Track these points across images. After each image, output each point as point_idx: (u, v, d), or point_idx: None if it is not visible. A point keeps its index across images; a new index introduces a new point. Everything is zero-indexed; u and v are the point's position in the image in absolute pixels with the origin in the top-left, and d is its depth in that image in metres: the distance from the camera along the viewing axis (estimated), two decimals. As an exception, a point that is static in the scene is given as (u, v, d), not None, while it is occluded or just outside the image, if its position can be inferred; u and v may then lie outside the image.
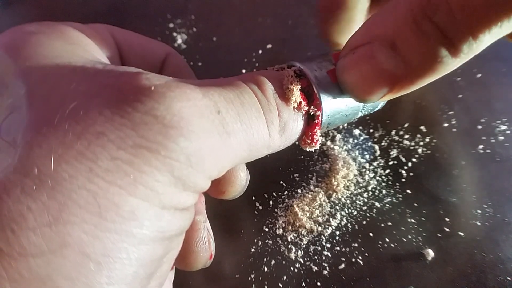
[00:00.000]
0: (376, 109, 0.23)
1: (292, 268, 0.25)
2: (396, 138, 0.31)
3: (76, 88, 0.14)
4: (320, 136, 0.20)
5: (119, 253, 0.13)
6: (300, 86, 0.19)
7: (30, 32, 0.17)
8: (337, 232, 0.26)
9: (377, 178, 0.29)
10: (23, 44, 0.16)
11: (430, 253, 0.25)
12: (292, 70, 0.19)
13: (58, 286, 0.12)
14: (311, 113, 0.19)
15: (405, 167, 0.29)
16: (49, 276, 0.12)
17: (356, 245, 0.26)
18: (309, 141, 0.20)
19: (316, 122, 0.20)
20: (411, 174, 0.29)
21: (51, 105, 0.14)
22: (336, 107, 0.20)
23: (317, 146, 0.21)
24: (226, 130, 0.16)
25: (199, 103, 0.15)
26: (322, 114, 0.19)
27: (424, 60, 0.15)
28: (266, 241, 0.26)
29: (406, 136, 0.31)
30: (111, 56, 0.20)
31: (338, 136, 0.32)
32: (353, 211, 0.27)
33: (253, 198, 0.28)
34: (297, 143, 0.21)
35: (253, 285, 0.24)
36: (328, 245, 0.26)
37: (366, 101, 0.18)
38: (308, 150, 0.22)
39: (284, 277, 0.25)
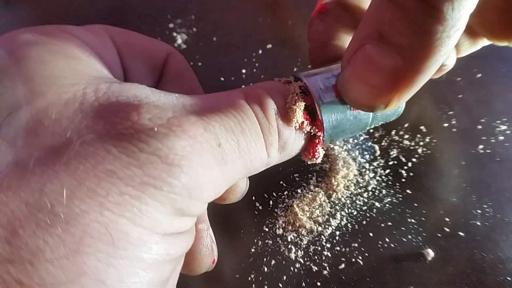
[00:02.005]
0: (388, 121, 0.23)
1: (292, 268, 0.25)
2: (396, 138, 0.31)
3: (81, 122, 0.15)
4: (322, 151, 0.20)
5: (132, 278, 0.14)
6: (304, 105, 0.18)
7: (28, 42, 0.17)
8: (337, 232, 0.26)
9: (377, 178, 0.29)
10: (23, 60, 0.16)
11: (430, 253, 0.25)
12: (297, 86, 0.19)
13: None
14: (313, 133, 0.19)
15: (405, 167, 0.29)
16: None
17: (356, 245, 0.26)
18: (310, 156, 0.20)
19: (317, 141, 0.19)
20: (411, 174, 0.29)
21: (58, 137, 0.14)
22: (339, 126, 0.20)
23: (319, 161, 0.21)
24: (225, 160, 0.17)
25: (200, 138, 0.16)
26: (323, 134, 0.19)
27: (414, 37, 0.14)
28: (266, 241, 0.26)
29: (406, 136, 0.31)
30: (112, 63, 0.20)
31: (338, 136, 0.32)
32: (353, 211, 0.27)
33: (253, 198, 0.28)
34: (299, 156, 0.21)
35: (253, 285, 0.24)
36: (328, 245, 0.26)
37: (375, 109, 0.17)
38: (309, 163, 0.22)
39: (284, 277, 0.25)
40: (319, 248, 0.26)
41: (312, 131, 0.19)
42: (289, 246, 0.26)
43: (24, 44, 0.16)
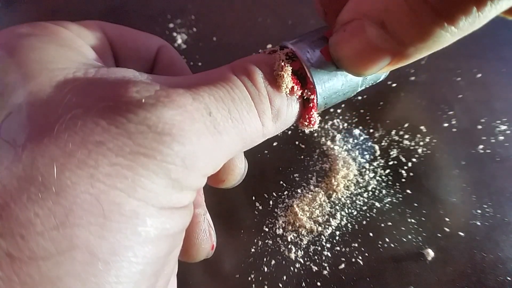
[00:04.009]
0: (378, 81, 0.23)
1: (292, 268, 0.25)
2: (396, 138, 0.31)
3: (70, 99, 0.15)
4: (317, 116, 0.20)
5: (126, 252, 0.13)
6: (291, 70, 0.18)
7: (22, 34, 0.17)
8: (337, 232, 0.26)
9: (377, 178, 0.29)
10: (16, 49, 0.16)
11: (430, 253, 0.25)
12: (283, 53, 0.19)
13: (68, 287, 0.12)
14: (305, 97, 0.19)
15: (405, 167, 0.29)
16: (59, 278, 0.12)
17: (356, 245, 0.26)
18: (306, 123, 0.20)
19: (312, 105, 0.19)
20: (411, 174, 0.29)
21: (49, 115, 0.14)
22: (331, 87, 0.20)
23: (316, 127, 0.21)
24: (218, 129, 0.16)
25: (190, 108, 0.16)
26: (317, 97, 0.19)
27: (417, 38, 0.15)
28: (266, 241, 0.26)
29: (406, 136, 0.31)
30: (104, 54, 0.21)
31: (338, 136, 0.32)
32: (353, 211, 0.27)
33: (253, 198, 0.28)
34: (295, 124, 0.21)
35: (253, 285, 0.24)
36: (328, 245, 0.26)
37: (364, 75, 0.18)
38: (307, 131, 0.22)
39: (284, 277, 0.25)
40: (319, 248, 0.26)
41: (304, 95, 0.19)
42: (289, 246, 0.26)
43: (17, 36, 0.17)
